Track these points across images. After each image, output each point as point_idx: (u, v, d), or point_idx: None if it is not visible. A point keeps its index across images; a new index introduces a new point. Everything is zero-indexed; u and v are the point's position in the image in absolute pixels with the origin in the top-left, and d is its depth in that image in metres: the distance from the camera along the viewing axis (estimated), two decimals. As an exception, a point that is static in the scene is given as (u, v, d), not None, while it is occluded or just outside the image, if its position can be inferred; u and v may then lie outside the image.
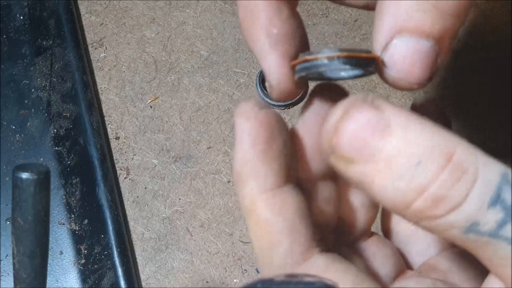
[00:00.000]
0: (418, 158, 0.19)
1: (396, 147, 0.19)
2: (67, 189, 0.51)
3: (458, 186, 0.19)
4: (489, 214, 0.19)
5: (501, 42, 0.55)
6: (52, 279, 0.48)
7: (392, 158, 0.19)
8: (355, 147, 0.20)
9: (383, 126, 0.20)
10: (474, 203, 0.19)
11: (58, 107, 0.53)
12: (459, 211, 0.19)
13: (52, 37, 0.55)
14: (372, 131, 0.20)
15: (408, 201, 0.19)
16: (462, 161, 0.19)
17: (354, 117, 0.20)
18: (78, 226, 0.50)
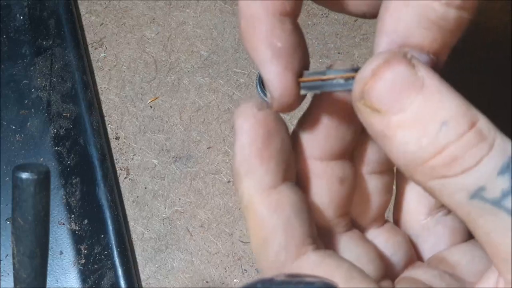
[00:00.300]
0: (445, 119, 0.20)
1: (427, 105, 0.20)
2: (67, 189, 0.51)
3: (476, 149, 0.20)
4: (497, 182, 0.20)
5: (501, 42, 0.55)
6: (52, 279, 0.48)
7: (421, 114, 0.20)
8: (388, 97, 0.21)
9: (418, 84, 0.21)
10: (486, 167, 0.20)
11: (58, 107, 0.53)
12: (471, 172, 0.20)
13: (52, 37, 0.55)
14: (408, 85, 0.21)
15: (426, 157, 0.20)
16: (483, 129, 0.20)
17: (394, 68, 0.21)
18: (78, 226, 0.50)
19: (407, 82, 0.21)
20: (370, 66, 0.21)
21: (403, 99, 0.20)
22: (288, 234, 0.24)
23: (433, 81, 0.21)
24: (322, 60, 0.55)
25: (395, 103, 0.21)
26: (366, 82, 0.21)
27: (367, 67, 0.22)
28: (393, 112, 0.21)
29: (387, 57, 0.21)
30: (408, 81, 0.21)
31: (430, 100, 0.20)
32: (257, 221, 0.24)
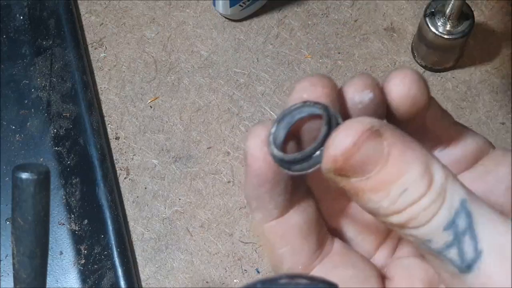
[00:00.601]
0: (406, 186, 0.22)
1: (390, 174, 0.22)
2: (67, 189, 0.51)
3: (429, 209, 0.22)
4: (442, 236, 0.22)
5: (501, 42, 0.55)
6: (52, 279, 0.48)
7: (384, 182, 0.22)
8: (356, 169, 0.23)
9: (384, 156, 0.22)
10: (433, 225, 0.22)
11: (58, 107, 0.53)
12: (422, 229, 0.22)
13: (52, 37, 0.55)
14: (376, 159, 0.22)
15: (387, 215, 0.23)
16: (437, 188, 0.22)
17: (363, 149, 0.22)
18: (78, 226, 0.50)
19: (373, 156, 0.22)
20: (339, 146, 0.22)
21: (368, 170, 0.22)
22: (294, 259, 0.26)
23: (398, 150, 0.22)
24: (322, 60, 0.55)
25: (362, 174, 0.23)
26: (337, 161, 0.23)
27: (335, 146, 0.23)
28: (360, 179, 0.23)
29: (358, 134, 0.22)
30: (374, 155, 0.22)
31: (392, 171, 0.22)
32: (269, 248, 0.27)
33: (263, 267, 0.49)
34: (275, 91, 0.54)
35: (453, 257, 0.22)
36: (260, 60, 0.55)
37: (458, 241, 0.22)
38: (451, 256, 0.22)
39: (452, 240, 0.22)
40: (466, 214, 0.22)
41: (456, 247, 0.22)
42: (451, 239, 0.22)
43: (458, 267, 0.22)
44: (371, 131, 0.22)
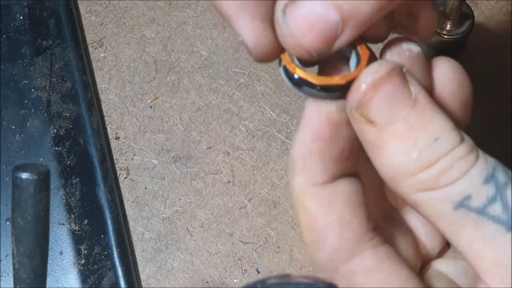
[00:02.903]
0: (437, 134, 0.20)
1: (419, 120, 0.21)
2: (67, 189, 0.51)
3: (464, 161, 0.20)
4: (483, 190, 0.20)
5: (501, 42, 0.55)
6: (52, 279, 0.48)
7: (413, 128, 0.21)
8: (384, 108, 0.21)
9: (411, 99, 0.21)
10: (472, 177, 0.20)
11: (58, 107, 0.53)
12: (458, 183, 0.20)
13: (52, 37, 0.55)
14: (402, 99, 0.21)
15: (414, 170, 0.20)
16: (470, 143, 0.21)
17: (392, 81, 0.21)
18: (78, 226, 0.50)
19: (402, 96, 0.21)
20: (370, 77, 0.21)
21: (396, 111, 0.21)
22: (341, 233, 0.22)
23: (425, 98, 0.21)
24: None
25: (389, 115, 0.21)
26: (366, 93, 0.21)
27: (367, 77, 0.21)
28: (387, 123, 0.21)
29: (387, 69, 0.21)
30: (402, 95, 0.21)
31: (422, 115, 0.21)
32: (308, 218, 0.23)
33: (263, 267, 0.49)
34: (275, 91, 0.54)
35: (496, 213, 0.20)
36: (260, 60, 0.55)
37: (500, 194, 0.20)
38: (495, 212, 0.20)
39: (494, 193, 0.20)
40: (504, 170, 0.21)
41: (500, 202, 0.20)
42: (493, 193, 0.20)
43: (504, 224, 0.20)
44: (401, 70, 0.21)
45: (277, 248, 0.49)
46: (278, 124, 0.53)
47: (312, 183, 0.23)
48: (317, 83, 0.23)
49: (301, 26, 0.22)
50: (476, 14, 0.51)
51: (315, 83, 0.23)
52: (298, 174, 0.23)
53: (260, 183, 0.51)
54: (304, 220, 0.23)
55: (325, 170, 0.23)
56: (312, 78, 0.23)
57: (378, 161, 0.22)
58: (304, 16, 0.22)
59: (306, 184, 0.23)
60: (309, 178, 0.23)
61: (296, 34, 0.22)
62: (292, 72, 0.23)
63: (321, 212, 0.23)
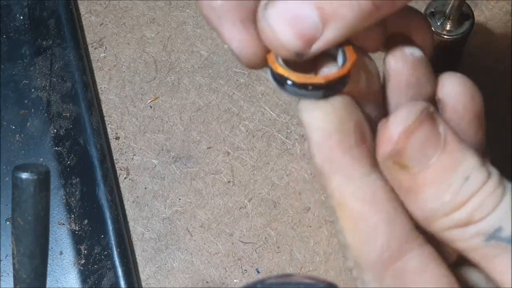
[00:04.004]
0: (467, 173, 0.21)
1: (450, 162, 0.21)
2: (67, 189, 0.51)
3: (493, 197, 0.21)
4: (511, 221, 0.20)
5: (501, 42, 0.55)
6: (52, 279, 0.48)
7: (445, 171, 0.21)
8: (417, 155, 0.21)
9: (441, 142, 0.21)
10: (502, 211, 0.21)
11: (58, 107, 0.53)
12: (489, 218, 0.21)
13: (52, 37, 0.55)
14: (432, 142, 0.21)
15: (448, 211, 0.21)
16: (496, 174, 0.21)
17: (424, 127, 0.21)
18: (78, 226, 0.50)
19: (432, 140, 0.21)
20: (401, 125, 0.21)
21: (429, 156, 0.21)
22: (390, 230, 0.22)
23: (453, 138, 0.21)
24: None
25: (422, 161, 0.21)
26: (398, 142, 0.21)
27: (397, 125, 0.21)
28: (420, 169, 0.21)
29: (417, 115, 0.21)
30: (433, 139, 0.21)
31: (452, 157, 0.21)
32: (354, 218, 0.22)
33: (263, 267, 0.49)
34: (275, 91, 0.54)
35: None
36: (260, 60, 0.55)
37: None
38: None
39: None
40: None
41: None
42: None
43: None
44: (428, 112, 0.21)
45: (277, 248, 0.49)
46: (278, 124, 0.53)
47: (350, 179, 0.22)
48: (296, 81, 0.22)
49: (280, 23, 0.21)
50: (476, 14, 0.51)
51: (295, 81, 0.22)
52: (333, 177, 0.22)
53: (260, 183, 0.51)
54: (349, 222, 0.22)
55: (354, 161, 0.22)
56: (292, 75, 0.23)
57: (412, 205, 0.22)
58: (284, 14, 0.22)
59: (345, 184, 0.22)
60: (346, 175, 0.22)
61: (275, 31, 0.22)
62: (275, 70, 0.23)
63: (368, 211, 0.22)
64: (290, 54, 0.22)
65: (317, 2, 0.21)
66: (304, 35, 0.22)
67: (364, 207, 0.22)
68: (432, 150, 0.21)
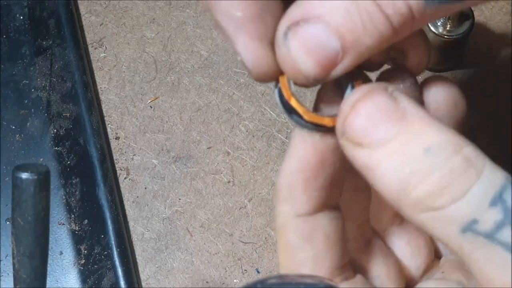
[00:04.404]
0: (428, 145, 0.19)
1: (408, 133, 0.20)
2: (67, 189, 0.51)
3: (463, 177, 0.19)
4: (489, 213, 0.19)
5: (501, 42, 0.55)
6: (52, 279, 0.48)
7: (402, 143, 0.20)
8: (368, 129, 0.20)
9: (399, 114, 0.20)
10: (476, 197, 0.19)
11: (58, 107, 0.53)
12: (460, 203, 0.19)
13: (52, 37, 0.55)
14: (388, 116, 0.20)
15: (410, 187, 0.19)
16: (470, 156, 0.19)
17: (373, 100, 0.20)
18: (78, 226, 0.50)
19: (388, 113, 0.20)
20: (349, 102, 0.21)
21: (383, 130, 0.20)
22: (314, 268, 0.23)
23: (415, 110, 0.20)
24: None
25: (375, 135, 0.20)
26: (346, 117, 0.21)
27: (346, 101, 0.21)
28: (375, 144, 0.20)
29: (365, 90, 0.21)
30: (388, 112, 0.20)
31: (411, 128, 0.20)
32: (288, 248, 0.23)
33: (263, 267, 0.49)
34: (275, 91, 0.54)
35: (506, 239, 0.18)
36: (260, 60, 0.55)
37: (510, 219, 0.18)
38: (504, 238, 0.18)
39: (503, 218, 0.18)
40: None
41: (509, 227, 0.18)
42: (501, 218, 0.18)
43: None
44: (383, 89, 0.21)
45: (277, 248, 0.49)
46: (278, 124, 0.53)
47: (296, 214, 0.23)
48: (306, 118, 0.23)
49: (301, 53, 0.21)
50: (476, 14, 0.51)
51: (305, 118, 0.23)
52: (283, 203, 0.23)
53: (260, 183, 0.51)
54: (283, 248, 0.23)
55: (309, 200, 0.23)
56: (303, 112, 0.23)
57: (375, 185, 0.21)
58: (305, 41, 0.21)
59: (290, 214, 0.23)
60: (293, 208, 0.23)
61: (296, 59, 0.22)
62: (287, 99, 0.23)
63: (300, 245, 0.23)
64: (307, 80, 0.22)
65: (339, 31, 0.21)
66: (324, 64, 0.21)
67: (298, 242, 0.23)
68: (387, 123, 0.20)
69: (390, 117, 0.20)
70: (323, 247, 0.23)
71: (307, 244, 0.23)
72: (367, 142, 0.20)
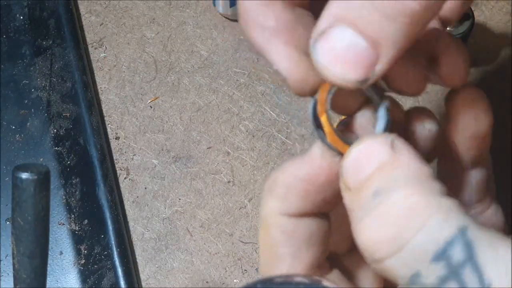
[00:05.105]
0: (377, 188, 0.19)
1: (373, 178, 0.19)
2: (67, 189, 0.51)
3: (400, 230, 0.18)
4: (432, 268, 0.18)
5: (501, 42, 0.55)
6: (52, 279, 0.48)
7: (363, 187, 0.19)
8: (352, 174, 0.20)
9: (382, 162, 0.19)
10: (413, 252, 0.18)
11: (58, 107, 0.53)
12: (396, 258, 0.18)
13: (52, 37, 0.55)
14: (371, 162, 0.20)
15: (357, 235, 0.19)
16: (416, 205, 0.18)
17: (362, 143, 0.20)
18: (78, 226, 0.50)
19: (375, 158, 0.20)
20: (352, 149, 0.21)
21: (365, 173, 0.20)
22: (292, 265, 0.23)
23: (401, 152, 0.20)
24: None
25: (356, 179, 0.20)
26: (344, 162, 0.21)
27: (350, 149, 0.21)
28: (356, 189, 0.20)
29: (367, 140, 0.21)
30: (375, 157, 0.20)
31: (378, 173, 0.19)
32: (267, 241, 0.23)
33: (263, 267, 0.49)
34: (275, 91, 0.54)
35: None
36: (260, 60, 0.55)
37: (456, 275, 0.17)
38: None
39: (447, 274, 0.17)
40: (465, 243, 0.18)
41: (456, 281, 0.17)
42: (445, 273, 0.18)
43: None
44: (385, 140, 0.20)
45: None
46: (278, 124, 0.53)
47: (283, 212, 0.23)
48: (329, 141, 0.23)
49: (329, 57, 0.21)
50: (476, 14, 0.51)
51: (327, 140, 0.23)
52: (274, 198, 0.23)
53: (260, 183, 0.51)
54: (264, 241, 0.24)
55: (300, 207, 0.23)
56: (329, 132, 0.23)
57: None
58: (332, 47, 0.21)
59: (277, 211, 0.23)
60: (282, 206, 0.23)
61: (327, 65, 0.21)
62: (319, 113, 0.23)
63: (282, 240, 0.23)
64: (352, 84, 0.21)
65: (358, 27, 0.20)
66: (361, 65, 0.21)
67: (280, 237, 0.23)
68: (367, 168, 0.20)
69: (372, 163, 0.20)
70: (304, 246, 0.23)
71: (288, 240, 0.23)
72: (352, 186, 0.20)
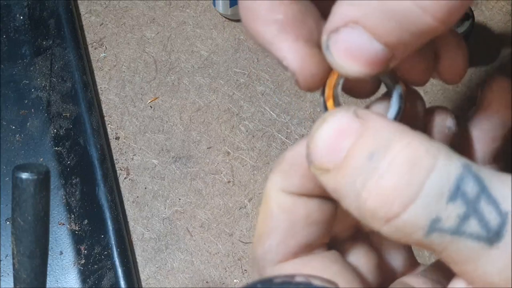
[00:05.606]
0: (370, 151, 0.18)
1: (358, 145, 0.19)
2: (67, 189, 0.51)
3: (410, 178, 0.18)
4: (450, 209, 0.18)
5: (501, 42, 0.55)
6: (52, 279, 0.48)
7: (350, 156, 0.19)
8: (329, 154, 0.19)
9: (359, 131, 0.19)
10: (430, 196, 0.17)
11: (58, 107, 0.53)
12: (414, 206, 0.17)
13: (52, 37, 0.55)
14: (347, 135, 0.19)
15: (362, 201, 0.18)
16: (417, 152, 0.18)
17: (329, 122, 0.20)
18: (78, 226, 0.50)
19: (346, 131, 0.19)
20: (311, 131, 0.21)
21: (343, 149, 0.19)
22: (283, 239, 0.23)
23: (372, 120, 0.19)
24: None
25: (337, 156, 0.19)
26: (308, 145, 0.20)
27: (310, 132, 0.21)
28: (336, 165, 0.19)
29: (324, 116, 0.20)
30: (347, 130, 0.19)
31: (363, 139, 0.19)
32: (264, 215, 0.24)
33: (263, 267, 0.49)
34: (275, 91, 0.54)
35: (474, 230, 0.17)
36: (260, 60, 0.55)
37: (474, 210, 0.17)
38: (472, 230, 0.18)
39: (465, 211, 0.17)
40: (474, 177, 0.18)
41: (475, 217, 0.17)
42: (464, 210, 0.17)
43: (485, 240, 0.17)
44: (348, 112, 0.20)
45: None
46: (278, 124, 0.53)
47: (284, 189, 0.23)
48: None
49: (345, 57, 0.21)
50: (476, 14, 0.51)
51: None
52: (278, 173, 0.24)
53: (260, 183, 0.51)
54: (262, 214, 0.24)
55: (301, 186, 0.23)
56: None
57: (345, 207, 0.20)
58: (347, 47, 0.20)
59: (279, 186, 0.23)
60: (284, 184, 0.23)
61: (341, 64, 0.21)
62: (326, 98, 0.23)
63: (278, 213, 0.23)
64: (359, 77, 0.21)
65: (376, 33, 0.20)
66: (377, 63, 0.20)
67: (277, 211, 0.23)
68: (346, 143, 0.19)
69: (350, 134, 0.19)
70: (300, 224, 0.23)
71: (284, 215, 0.23)
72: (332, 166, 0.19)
